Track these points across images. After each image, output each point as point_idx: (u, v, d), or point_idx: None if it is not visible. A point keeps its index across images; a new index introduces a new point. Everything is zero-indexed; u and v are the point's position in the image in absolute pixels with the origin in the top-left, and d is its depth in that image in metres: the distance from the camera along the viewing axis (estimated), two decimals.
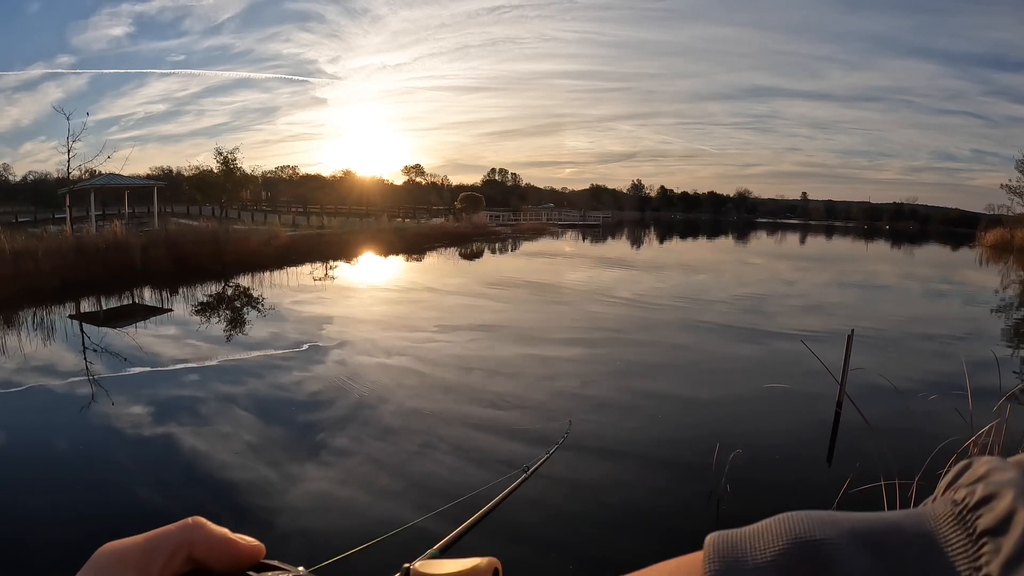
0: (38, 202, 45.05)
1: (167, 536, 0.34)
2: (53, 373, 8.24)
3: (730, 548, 0.29)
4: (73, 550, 3.96)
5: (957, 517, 0.29)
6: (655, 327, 12.08)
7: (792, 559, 0.27)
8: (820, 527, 0.29)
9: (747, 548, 0.29)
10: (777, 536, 0.29)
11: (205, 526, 0.35)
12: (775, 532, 0.29)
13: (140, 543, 0.34)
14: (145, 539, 0.34)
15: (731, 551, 0.29)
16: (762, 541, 0.29)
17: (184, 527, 0.35)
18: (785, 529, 0.29)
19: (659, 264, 27.56)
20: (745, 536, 0.29)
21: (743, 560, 0.28)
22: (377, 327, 11.46)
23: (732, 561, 0.28)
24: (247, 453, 5.56)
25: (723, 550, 0.29)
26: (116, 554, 0.33)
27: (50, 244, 16.76)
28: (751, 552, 0.28)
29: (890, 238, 66.88)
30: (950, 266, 34.25)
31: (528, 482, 5.18)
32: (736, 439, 5.32)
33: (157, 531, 0.34)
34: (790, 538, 0.28)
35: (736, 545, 0.29)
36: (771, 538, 0.29)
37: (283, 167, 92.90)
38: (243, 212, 41.93)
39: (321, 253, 25.03)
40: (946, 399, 5.00)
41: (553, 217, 64.86)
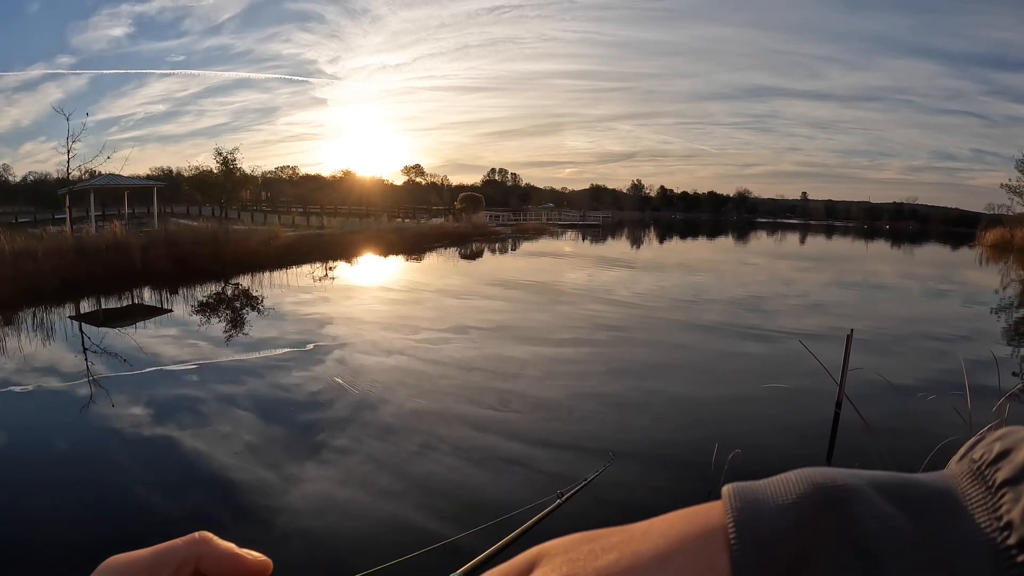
0: (38, 202, 45.06)
1: (174, 550, 0.34)
2: (53, 373, 8.25)
3: (750, 493, 0.29)
4: (72, 550, 3.97)
5: (976, 473, 0.29)
6: (655, 327, 12.09)
7: (814, 501, 0.28)
8: (840, 476, 0.29)
9: (767, 494, 0.29)
10: (797, 483, 0.29)
11: (212, 541, 0.35)
12: (794, 480, 0.29)
13: (146, 557, 0.33)
14: (152, 553, 0.33)
15: (751, 495, 0.29)
16: (782, 488, 0.29)
17: (191, 541, 0.34)
18: (804, 477, 0.29)
19: (659, 264, 27.56)
20: (764, 485, 0.29)
21: (764, 503, 0.28)
22: (377, 327, 11.46)
23: (753, 503, 0.28)
24: (247, 454, 5.57)
25: (744, 495, 0.29)
26: (122, 567, 0.33)
27: (50, 244, 16.76)
28: (772, 497, 0.28)
29: (890, 238, 66.89)
30: (950, 266, 34.24)
31: (530, 479, 5.21)
32: (735, 439, 5.32)
33: (164, 545, 0.34)
34: (811, 484, 0.29)
35: (756, 491, 0.29)
36: (791, 485, 0.29)
37: (283, 167, 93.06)
38: (243, 212, 41.92)
39: (321, 253, 25.03)
40: (945, 399, 5.01)
41: (553, 217, 64.86)
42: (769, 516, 0.27)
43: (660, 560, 0.28)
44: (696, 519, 0.30)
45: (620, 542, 0.30)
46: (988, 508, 0.27)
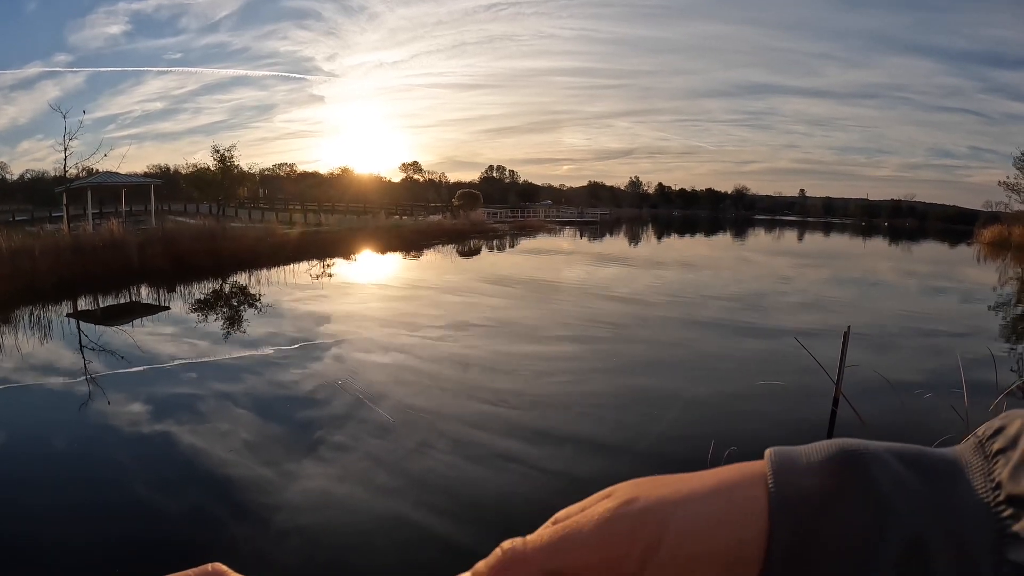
0: (35, 200, 44.99)
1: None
2: (50, 371, 8.24)
3: (787, 454, 0.36)
4: (71, 549, 3.97)
5: (977, 445, 0.36)
6: (652, 324, 12.09)
7: (839, 460, 0.35)
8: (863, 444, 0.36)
9: (801, 455, 0.36)
10: (828, 447, 0.36)
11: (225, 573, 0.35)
12: (825, 446, 0.36)
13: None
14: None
15: (788, 455, 0.36)
16: (814, 450, 0.36)
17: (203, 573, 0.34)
18: (834, 443, 0.36)
19: (656, 261, 27.55)
20: (800, 448, 0.37)
21: (799, 459, 0.36)
22: (375, 324, 11.46)
23: (790, 459, 0.36)
24: (245, 451, 5.57)
25: (782, 453, 0.36)
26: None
27: (47, 242, 16.72)
28: (805, 457, 0.36)
29: (888, 235, 66.90)
30: (947, 263, 34.26)
31: (527, 476, 5.23)
32: (731, 436, 5.33)
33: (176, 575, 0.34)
34: (839, 447, 0.35)
35: (793, 451, 0.36)
36: (822, 448, 0.36)
37: (280, 164, 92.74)
38: (240, 210, 41.89)
39: (319, 250, 24.99)
40: (942, 396, 5.03)
41: (551, 214, 64.78)
42: (801, 468, 0.35)
43: (710, 493, 0.36)
44: (744, 468, 0.37)
45: (678, 480, 0.37)
46: (984, 472, 0.34)
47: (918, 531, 0.32)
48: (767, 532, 0.33)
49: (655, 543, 0.34)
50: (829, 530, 0.33)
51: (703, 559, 0.34)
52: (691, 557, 0.34)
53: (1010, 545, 0.32)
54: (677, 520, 0.35)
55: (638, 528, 0.35)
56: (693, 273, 22.42)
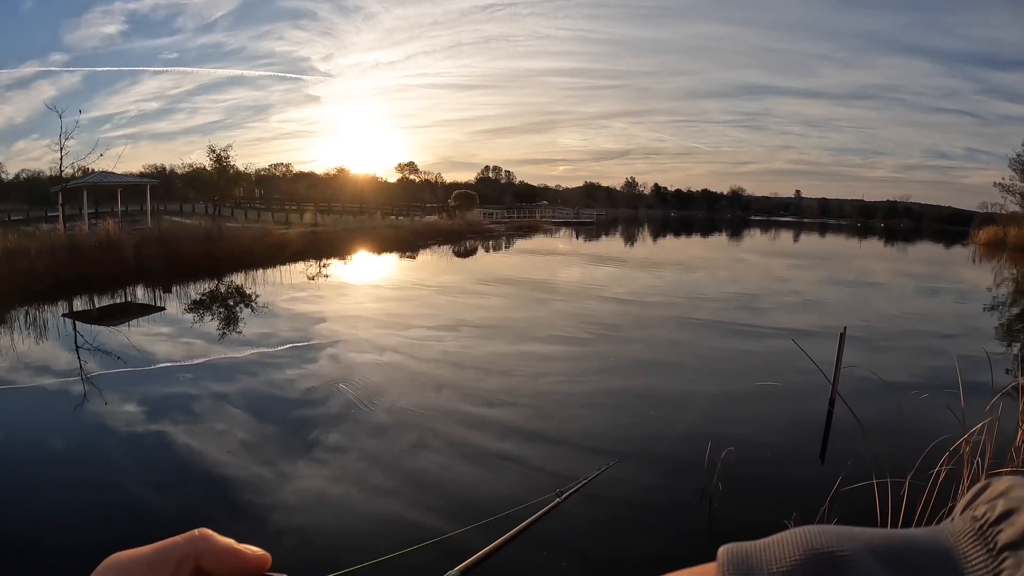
0: (31, 200, 44.80)
1: (174, 547, 0.34)
2: (46, 372, 8.21)
3: (744, 559, 0.29)
4: (67, 548, 3.95)
5: (977, 533, 0.29)
6: (648, 324, 12.10)
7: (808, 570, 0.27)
8: (836, 540, 0.28)
9: (762, 560, 0.28)
10: (793, 548, 0.28)
11: (212, 537, 0.35)
12: (790, 544, 0.28)
13: (147, 554, 0.34)
14: (152, 550, 0.34)
15: (745, 562, 0.28)
16: (777, 553, 0.28)
17: (191, 538, 0.35)
18: (800, 541, 0.28)
19: (652, 261, 27.58)
20: (759, 548, 0.29)
21: (758, 571, 0.28)
22: (371, 325, 11.45)
23: (747, 572, 0.28)
24: (241, 451, 5.55)
25: (737, 561, 0.29)
26: (123, 565, 0.33)
27: (43, 242, 16.69)
28: (766, 563, 0.28)
29: (884, 236, 67.05)
30: (943, 264, 34.36)
31: (523, 476, 5.22)
32: (728, 437, 5.33)
33: (164, 542, 0.34)
34: (806, 549, 0.28)
35: (750, 556, 0.29)
36: (786, 550, 0.28)
37: (276, 165, 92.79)
38: (236, 210, 41.84)
39: (315, 251, 24.96)
40: (938, 397, 5.03)
41: (547, 215, 64.79)
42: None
43: None
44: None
45: None
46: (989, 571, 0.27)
47: None
48: None
49: None
50: None
51: None
52: None
53: None
54: None
55: None
56: (689, 274, 22.44)
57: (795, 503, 4.40)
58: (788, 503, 4.56)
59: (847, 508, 3.68)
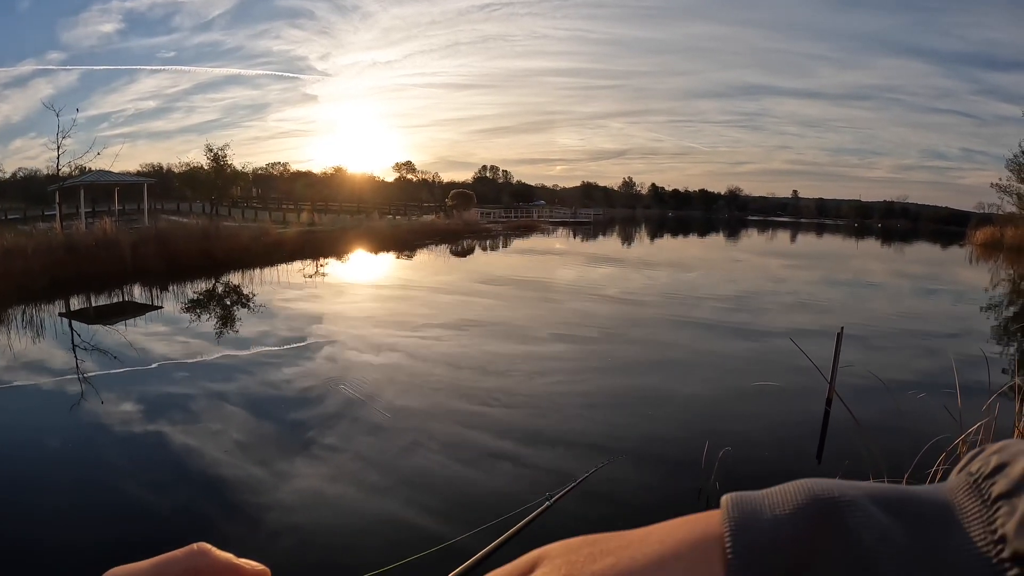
0: (28, 199, 44.69)
1: (173, 562, 0.34)
2: (42, 371, 8.20)
3: (748, 503, 0.30)
4: (64, 549, 3.94)
5: (972, 486, 0.30)
6: (645, 324, 12.10)
7: (810, 513, 0.28)
8: (837, 488, 0.29)
9: (765, 505, 0.29)
10: (795, 494, 0.29)
11: (211, 552, 0.35)
12: (792, 491, 0.29)
13: (146, 569, 0.33)
14: (151, 565, 0.33)
15: (749, 506, 0.29)
16: (780, 499, 0.29)
17: (190, 553, 0.34)
18: (802, 488, 0.29)
19: (649, 261, 27.59)
20: (762, 495, 0.30)
21: (762, 513, 0.29)
22: (368, 324, 11.44)
23: (751, 514, 0.29)
24: (237, 451, 5.54)
25: (742, 506, 0.29)
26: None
27: (40, 241, 16.63)
28: (770, 508, 0.29)
29: (881, 236, 67.14)
30: (940, 264, 34.43)
31: (519, 476, 5.22)
32: (725, 436, 5.33)
33: (163, 557, 0.34)
34: (808, 495, 0.29)
35: (754, 501, 0.30)
36: (789, 496, 0.29)
37: (274, 164, 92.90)
38: (233, 209, 41.80)
39: (312, 250, 24.94)
40: (935, 397, 5.03)
41: (544, 214, 64.81)
42: (765, 526, 0.28)
43: (657, 565, 0.29)
44: (695, 527, 0.31)
45: (619, 547, 0.31)
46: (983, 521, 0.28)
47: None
48: None
49: None
50: None
51: None
52: None
53: None
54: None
55: None
56: (686, 273, 22.46)
57: None
58: None
59: None
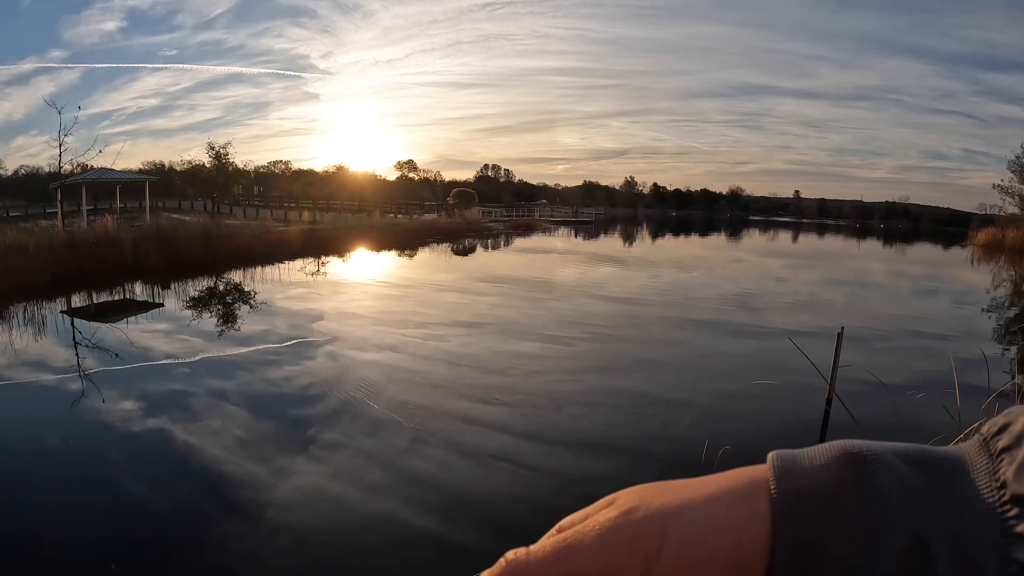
0: (29, 196, 44.81)
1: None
2: (43, 368, 8.21)
3: (790, 456, 0.36)
4: (63, 547, 3.95)
5: (982, 444, 0.36)
6: (645, 323, 12.10)
7: (842, 462, 0.34)
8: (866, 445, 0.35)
9: (804, 457, 0.36)
10: (830, 449, 0.35)
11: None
12: (827, 448, 0.36)
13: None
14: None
15: (790, 458, 0.36)
16: (817, 453, 0.36)
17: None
18: (836, 445, 0.36)
19: (651, 261, 27.59)
20: (802, 451, 0.36)
21: (800, 463, 0.35)
22: (369, 322, 11.45)
23: (792, 464, 0.35)
24: (237, 448, 5.55)
25: (784, 457, 0.36)
26: None
27: (41, 239, 16.65)
28: (808, 459, 0.35)
29: (882, 237, 67.07)
30: (941, 265, 34.38)
31: (518, 475, 5.23)
32: (725, 435, 5.34)
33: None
34: (841, 449, 0.35)
35: (795, 454, 0.36)
36: (824, 450, 0.35)
37: (275, 162, 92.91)
38: (235, 207, 41.84)
39: (313, 248, 24.95)
40: (935, 397, 5.03)
41: (546, 213, 64.77)
42: (804, 472, 0.35)
43: (713, 499, 0.36)
44: (745, 473, 0.37)
45: (681, 486, 0.37)
46: (989, 471, 0.34)
47: (921, 531, 0.32)
48: (770, 536, 0.33)
49: (656, 551, 0.34)
50: (832, 532, 0.32)
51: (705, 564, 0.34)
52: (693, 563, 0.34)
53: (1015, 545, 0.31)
54: (678, 527, 0.34)
55: (639, 536, 0.35)
56: (687, 273, 22.44)
57: None
58: None
59: None
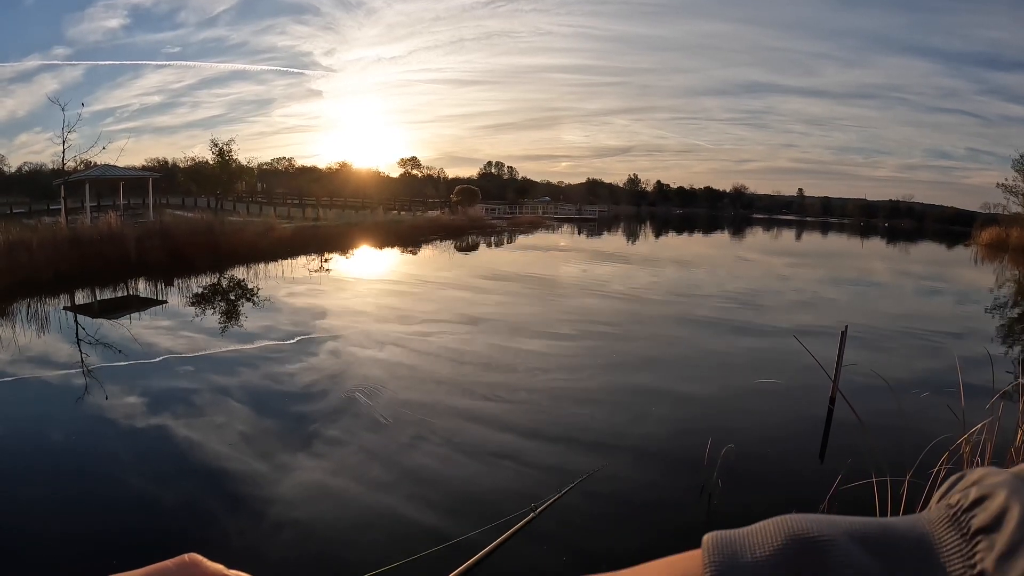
0: (33, 193, 44.80)
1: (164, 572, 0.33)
2: (47, 364, 8.23)
3: (728, 545, 0.30)
4: (66, 541, 3.96)
5: (951, 519, 0.30)
6: (649, 321, 12.10)
7: (790, 555, 0.29)
8: (817, 526, 0.30)
9: (746, 545, 0.30)
10: (775, 534, 0.30)
11: (201, 563, 0.34)
12: (773, 531, 0.30)
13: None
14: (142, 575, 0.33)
15: (730, 547, 0.30)
16: (760, 539, 0.30)
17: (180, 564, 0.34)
18: (783, 528, 0.30)
19: (654, 259, 27.56)
20: (743, 535, 0.30)
21: (742, 555, 0.29)
22: (371, 319, 11.45)
23: (731, 556, 0.29)
24: (241, 444, 5.56)
25: (722, 547, 0.30)
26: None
27: (45, 235, 16.67)
28: (750, 549, 0.29)
29: (886, 235, 66.93)
30: (945, 264, 34.31)
31: (517, 472, 5.22)
32: (729, 434, 5.32)
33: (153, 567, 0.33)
34: (788, 535, 0.29)
35: (734, 542, 0.30)
36: (769, 536, 0.30)
37: (279, 159, 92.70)
38: (238, 204, 41.77)
39: (317, 245, 24.97)
40: (939, 396, 5.03)
41: (549, 211, 64.69)
42: (745, 570, 0.28)
43: None
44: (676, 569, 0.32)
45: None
46: (963, 556, 0.28)
47: None
48: None
49: None
50: None
51: None
52: None
53: None
54: None
55: None
56: (690, 271, 22.43)
57: (795, 500, 4.41)
58: (788, 500, 4.56)
59: (847, 506, 3.68)
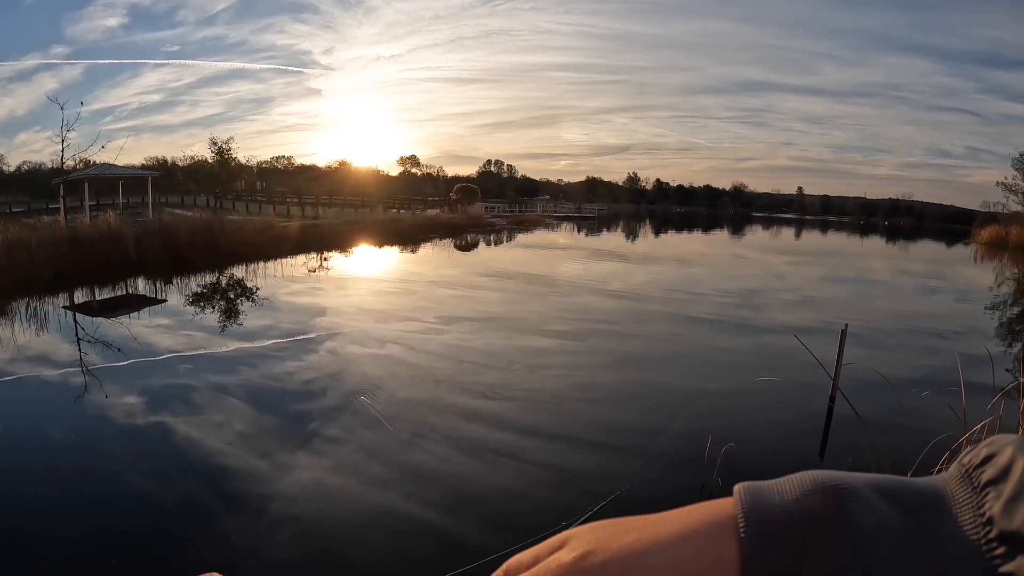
0: (32, 192, 44.88)
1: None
2: (46, 363, 8.21)
3: (758, 490, 0.33)
4: (66, 541, 3.95)
5: (964, 475, 0.33)
6: (648, 319, 12.08)
7: (814, 498, 0.31)
8: (840, 476, 0.32)
9: (774, 491, 0.32)
10: (801, 482, 0.33)
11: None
12: (798, 480, 0.33)
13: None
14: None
15: (759, 492, 0.33)
16: (787, 486, 0.33)
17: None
18: (808, 477, 0.33)
19: (653, 257, 27.54)
20: (771, 484, 0.33)
21: (771, 498, 0.32)
22: (371, 318, 11.44)
23: (761, 499, 0.32)
24: (240, 442, 5.55)
25: (753, 492, 0.33)
26: None
27: (44, 234, 16.64)
28: (778, 493, 0.32)
29: (886, 234, 66.91)
30: (945, 263, 34.31)
31: (517, 471, 5.21)
32: (728, 432, 5.32)
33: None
34: (813, 482, 0.32)
35: (763, 488, 0.33)
36: (795, 484, 0.33)
37: (278, 157, 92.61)
38: (238, 202, 41.79)
39: (316, 244, 24.96)
40: (939, 395, 5.02)
41: (549, 209, 64.66)
42: (774, 509, 0.31)
43: (676, 541, 0.32)
44: (710, 510, 0.34)
45: (640, 526, 0.34)
46: (973, 506, 0.31)
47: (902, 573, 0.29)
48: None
49: None
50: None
51: None
52: None
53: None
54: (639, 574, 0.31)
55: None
56: (690, 269, 22.41)
57: None
58: None
59: None
